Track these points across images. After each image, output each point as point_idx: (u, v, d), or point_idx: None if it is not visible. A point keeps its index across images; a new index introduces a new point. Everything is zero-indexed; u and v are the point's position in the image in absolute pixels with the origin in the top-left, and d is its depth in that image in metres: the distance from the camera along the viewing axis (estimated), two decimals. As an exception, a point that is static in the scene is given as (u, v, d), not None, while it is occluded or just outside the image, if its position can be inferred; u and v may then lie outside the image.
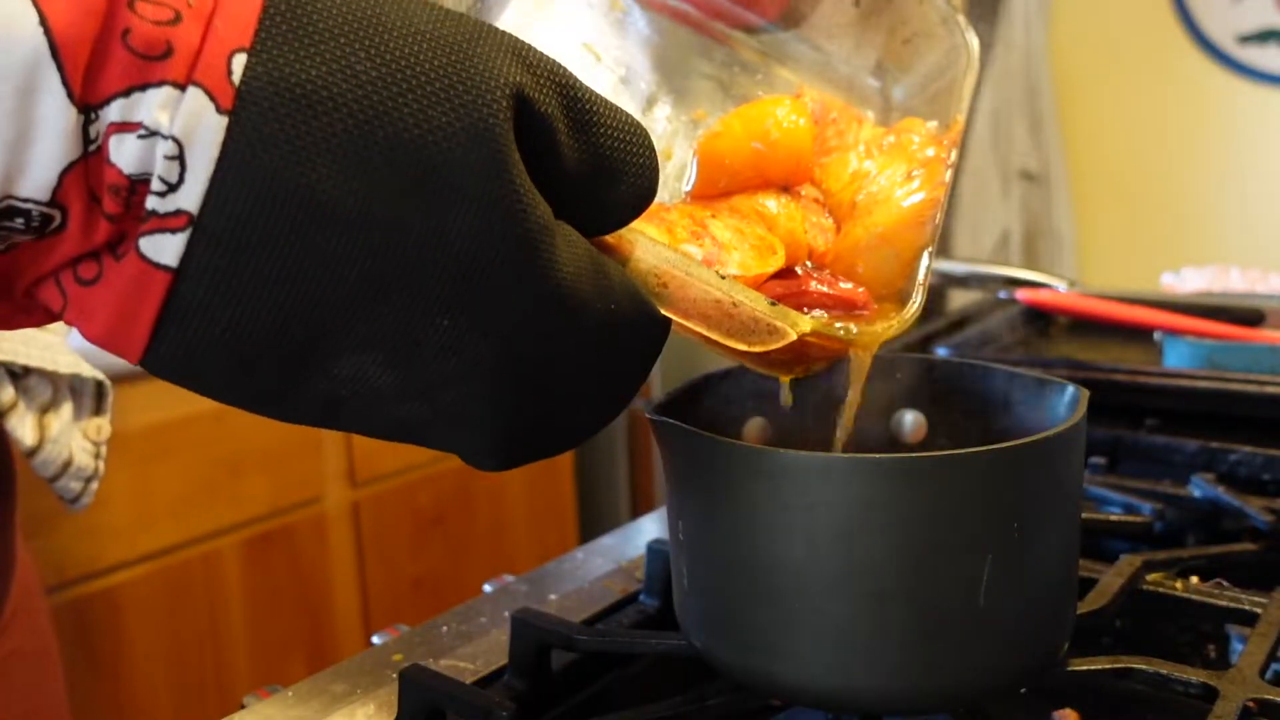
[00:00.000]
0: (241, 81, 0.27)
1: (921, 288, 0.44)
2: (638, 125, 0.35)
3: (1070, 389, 0.44)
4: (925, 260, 0.44)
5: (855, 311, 0.43)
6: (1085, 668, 0.46)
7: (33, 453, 0.64)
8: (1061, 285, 1.02)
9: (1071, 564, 0.44)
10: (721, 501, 0.41)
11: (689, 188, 0.47)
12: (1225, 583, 0.57)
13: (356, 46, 0.29)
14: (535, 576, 0.64)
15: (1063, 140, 2.88)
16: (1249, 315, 0.90)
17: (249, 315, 0.29)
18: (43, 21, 0.26)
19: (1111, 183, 2.90)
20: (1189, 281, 1.19)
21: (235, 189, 0.28)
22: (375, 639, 0.57)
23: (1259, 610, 0.51)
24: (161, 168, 0.27)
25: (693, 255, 0.42)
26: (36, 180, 0.27)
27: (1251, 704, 0.43)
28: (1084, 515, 0.50)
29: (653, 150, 0.35)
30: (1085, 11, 2.82)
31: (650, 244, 0.38)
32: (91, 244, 0.28)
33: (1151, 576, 0.55)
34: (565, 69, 0.33)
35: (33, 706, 0.68)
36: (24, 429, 0.63)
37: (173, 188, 0.28)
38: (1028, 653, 0.42)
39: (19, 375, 0.64)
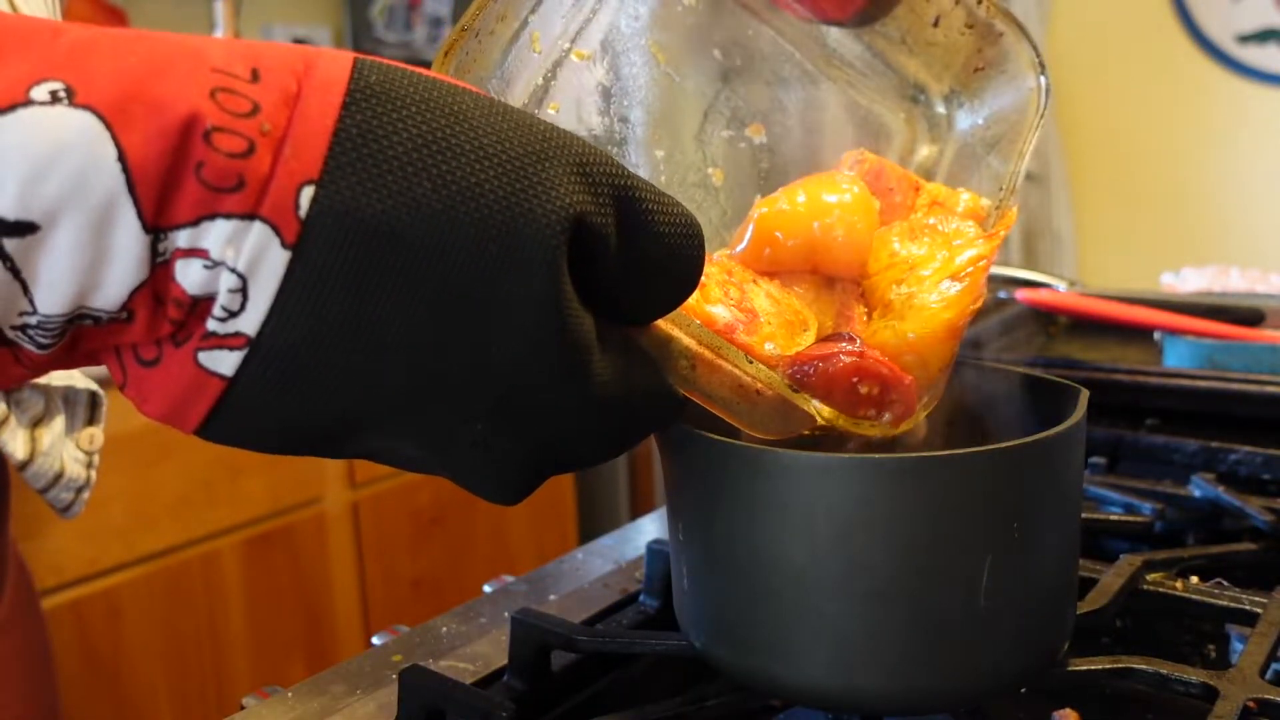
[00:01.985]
0: (307, 215, 0.28)
1: (943, 377, 0.45)
2: (689, 223, 0.35)
3: (1070, 389, 0.44)
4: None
5: (899, 388, 0.43)
6: (1085, 668, 0.46)
7: (24, 466, 0.64)
8: (1061, 285, 1.02)
9: (1071, 564, 0.44)
10: (721, 501, 0.41)
11: (740, 250, 0.46)
12: (1225, 582, 0.57)
13: (423, 175, 0.29)
14: (535, 577, 0.64)
15: (1063, 140, 2.88)
16: (1249, 315, 0.90)
17: (294, 416, 0.31)
18: (121, 157, 0.26)
19: (1111, 183, 2.90)
20: (1189, 281, 1.19)
21: (293, 317, 0.29)
22: (375, 639, 0.57)
23: (1259, 610, 0.51)
24: (225, 298, 0.28)
25: (721, 319, 0.42)
26: (108, 297, 0.28)
27: (1252, 704, 0.43)
28: (1084, 515, 0.50)
29: (701, 247, 0.36)
30: (1085, 11, 2.82)
31: (687, 323, 0.39)
32: (154, 336, 0.30)
33: (1151, 576, 0.55)
34: (626, 175, 0.33)
35: (27, 708, 0.68)
36: (15, 444, 0.63)
37: (234, 315, 0.29)
38: (1028, 653, 0.42)
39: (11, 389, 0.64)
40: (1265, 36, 2.65)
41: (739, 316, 0.42)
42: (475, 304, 0.30)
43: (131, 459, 1.45)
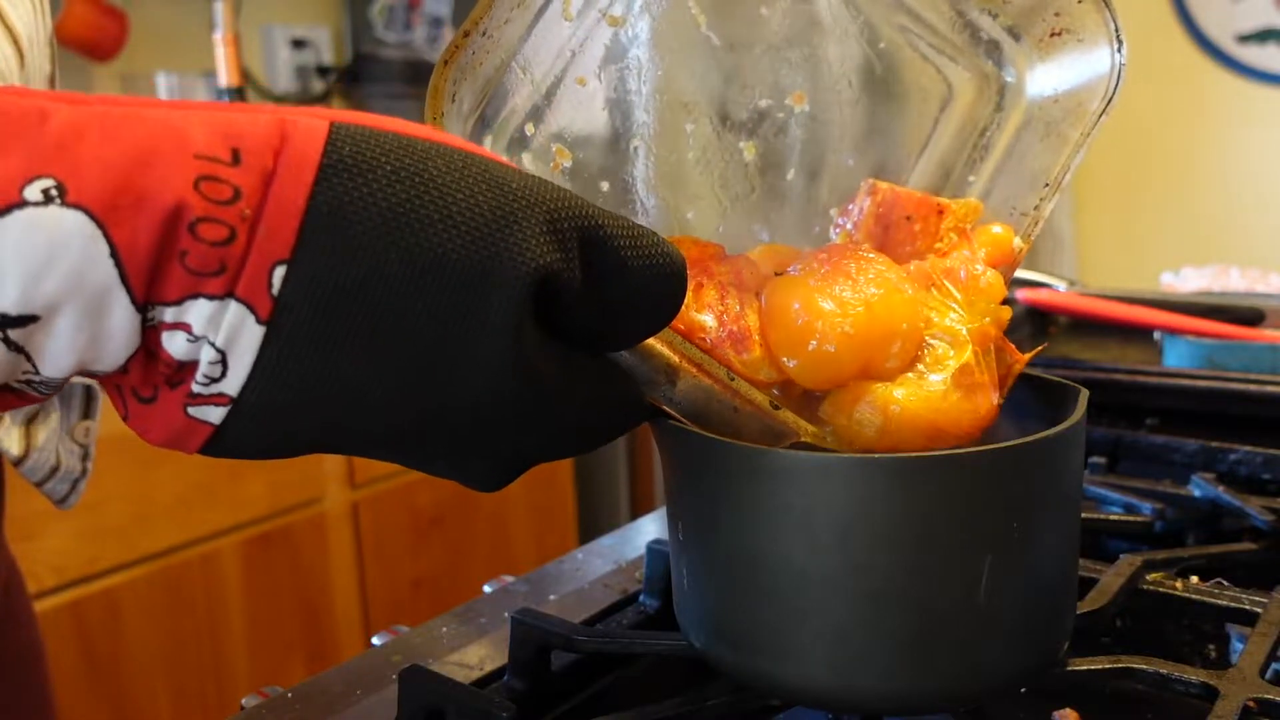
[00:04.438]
0: (280, 293, 0.30)
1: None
2: (664, 260, 0.36)
3: (1070, 389, 0.44)
4: None
5: None
6: (1085, 668, 0.46)
7: (19, 462, 0.64)
8: (1061, 285, 1.02)
9: (1071, 564, 0.44)
10: (721, 501, 0.41)
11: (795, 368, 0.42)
12: (1225, 582, 0.57)
13: (391, 249, 0.30)
14: (535, 577, 0.64)
15: (1062, 140, 2.87)
16: (1249, 315, 0.90)
17: (278, 446, 0.33)
18: (114, 253, 0.28)
19: (1112, 183, 2.89)
20: (1189, 281, 1.19)
21: (269, 382, 0.31)
22: (375, 640, 0.57)
23: (1259, 610, 0.51)
24: (206, 368, 0.30)
25: (710, 329, 0.41)
26: (106, 364, 0.31)
27: (1252, 704, 0.43)
28: (1084, 515, 0.50)
29: (678, 282, 0.36)
30: (1084, 11, 2.82)
31: (671, 336, 0.39)
32: (149, 382, 0.32)
33: (1151, 576, 0.55)
34: (597, 220, 0.34)
35: (21, 706, 0.68)
36: (10, 441, 0.63)
37: (216, 380, 0.31)
38: (1028, 653, 0.42)
39: None
40: (1265, 36, 2.65)
41: (730, 330, 0.41)
42: (440, 365, 0.32)
43: (131, 459, 1.45)
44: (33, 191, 0.27)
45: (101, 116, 0.29)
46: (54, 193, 0.28)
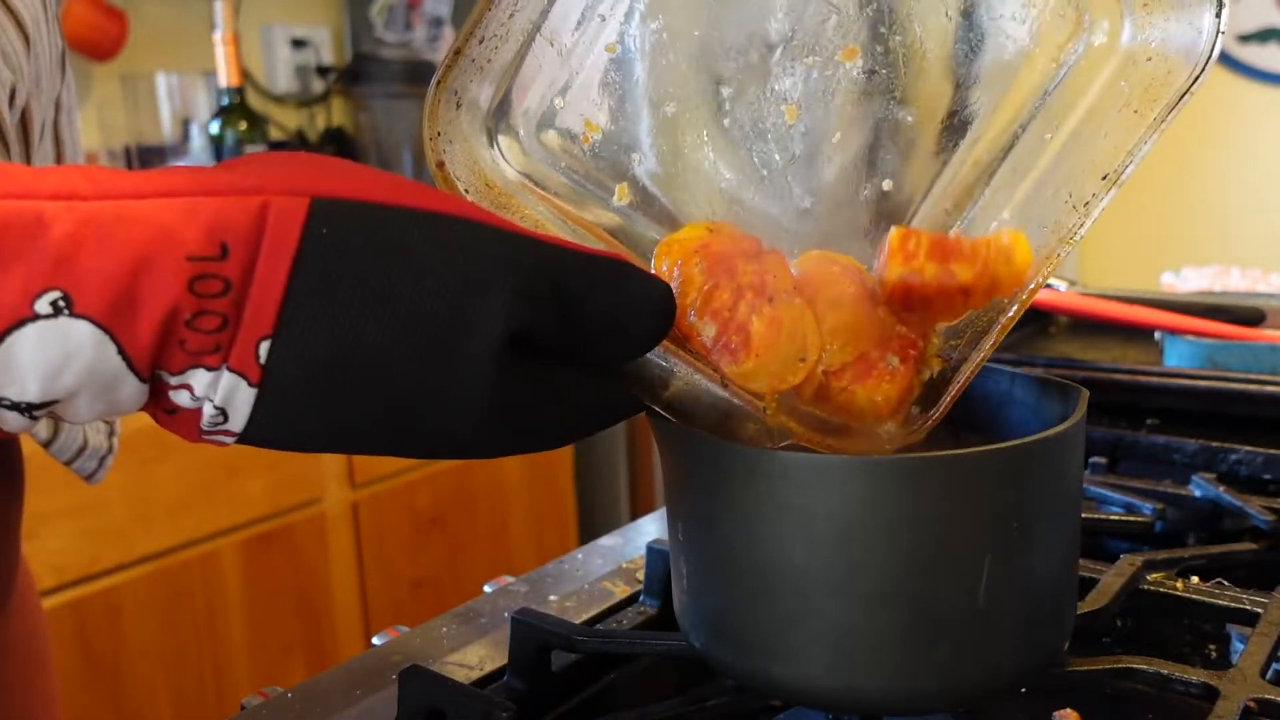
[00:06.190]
0: (266, 362, 0.33)
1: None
2: (643, 303, 0.37)
3: (1070, 389, 0.44)
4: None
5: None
6: (1085, 668, 0.46)
7: (48, 443, 0.65)
8: (1061, 285, 1.02)
9: (1071, 564, 0.44)
10: (721, 502, 0.41)
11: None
12: (1226, 582, 0.57)
13: (369, 319, 0.34)
14: (535, 577, 0.64)
15: (1062, 140, 2.87)
16: (1249, 315, 0.90)
17: (294, 450, 0.37)
18: (120, 351, 0.32)
19: (1111, 183, 2.89)
20: (1189, 281, 1.20)
21: (267, 428, 0.35)
22: (375, 640, 0.57)
23: (1260, 610, 0.51)
24: (210, 417, 0.34)
25: (706, 337, 0.40)
26: (125, 413, 0.35)
27: (1252, 704, 0.43)
28: (1084, 515, 0.50)
29: (658, 321, 0.38)
30: (1085, 11, 2.82)
31: (666, 342, 0.39)
32: (167, 406, 0.35)
33: (1152, 576, 0.55)
34: (573, 270, 0.36)
35: (26, 705, 0.68)
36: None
37: (220, 424, 0.35)
38: (1028, 653, 0.42)
39: None
40: (1265, 36, 2.65)
41: (727, 341, 0.40)
42: (421, 416, 0.35)
43: (131, 459, 1.44)
44: (43, 305, 0.31)
45: (96, 219, 0.31)
46: (62, 304, 0.31)
